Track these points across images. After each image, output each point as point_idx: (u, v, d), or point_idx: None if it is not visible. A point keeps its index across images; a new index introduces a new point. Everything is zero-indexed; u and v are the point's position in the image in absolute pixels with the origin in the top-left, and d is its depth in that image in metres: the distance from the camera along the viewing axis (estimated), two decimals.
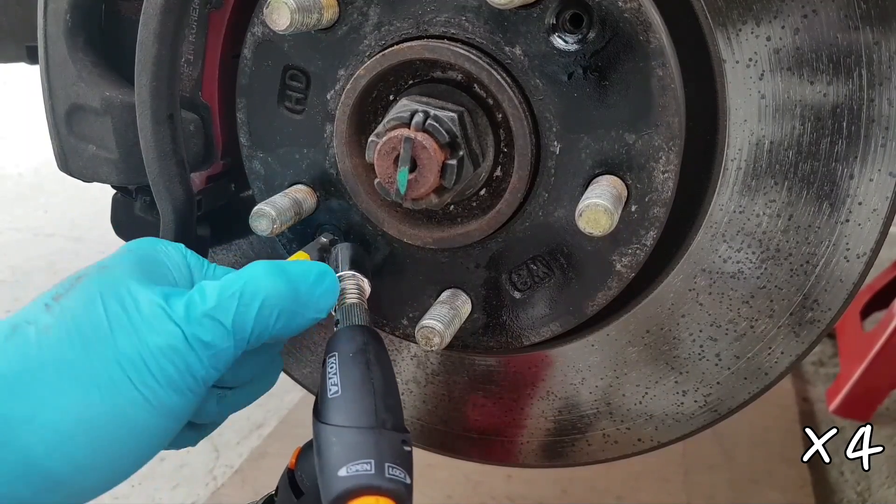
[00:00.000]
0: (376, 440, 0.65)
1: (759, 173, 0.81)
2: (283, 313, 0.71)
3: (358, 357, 0.71)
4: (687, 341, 0.89)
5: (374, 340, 0.75)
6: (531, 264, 0.87)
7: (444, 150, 0.77)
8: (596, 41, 0.76)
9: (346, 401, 0.67)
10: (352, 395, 0.68)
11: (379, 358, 0.73)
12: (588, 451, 0.99)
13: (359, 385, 0.69)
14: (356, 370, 0.70)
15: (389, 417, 0.67)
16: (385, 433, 0.66)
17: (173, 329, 0.66)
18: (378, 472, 0.62)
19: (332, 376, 0.69)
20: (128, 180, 0.95)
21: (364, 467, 0.62)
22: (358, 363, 0.70)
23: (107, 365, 0.64)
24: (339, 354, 0.71)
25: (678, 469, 1.89)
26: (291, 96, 0.89)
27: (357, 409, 0.67)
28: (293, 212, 0.88)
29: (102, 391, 0.64)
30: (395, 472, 0.63)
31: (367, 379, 0.69)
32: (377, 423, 0.66)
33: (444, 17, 0.80)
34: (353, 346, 0.72)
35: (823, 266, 0.83)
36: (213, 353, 0.68)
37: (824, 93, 0.77)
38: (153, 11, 0.80)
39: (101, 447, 0.64)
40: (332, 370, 0.70)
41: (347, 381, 0.69)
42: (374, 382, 0.69)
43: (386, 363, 0.73)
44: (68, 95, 0.92)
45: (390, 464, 0.63)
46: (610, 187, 0.77)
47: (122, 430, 0.65)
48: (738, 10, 0.77)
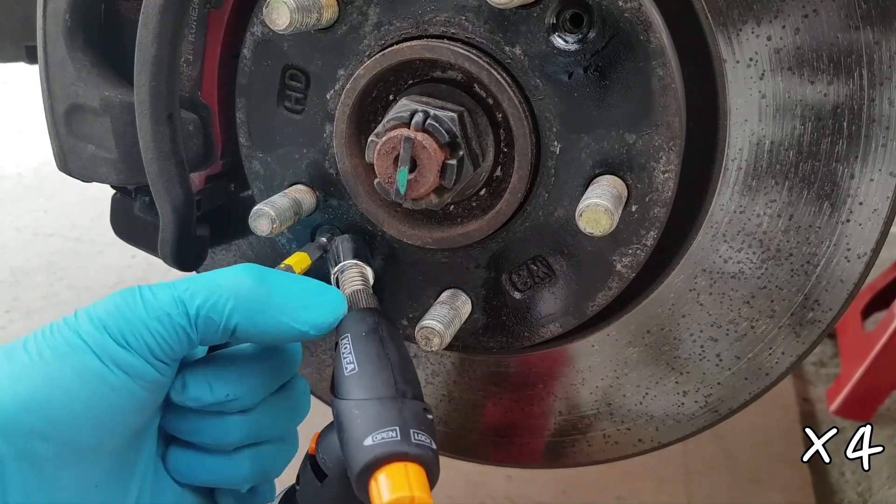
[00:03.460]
0: (399, 408, 0.65)
1: (759, 173, 0.81)
2: (241, 304, 0.69)
3: (371, 335, 0.71)
4: (687, 342, 0.89)
5: (385, 320, 0.74)
6: (531, 264, 0.87)
7: (443, 150, 0.77)
8: (596, 41, 0.76)
9: (363, 376, 0.67)
10: (369, 370, 0.68)
11: (392, 335, 0.73)
12: (588, 452, 0.98)
13: (375, 360, 0.69)
14: (371, 347, 0.70)
15: (409, 388, 0.67)
16: (407, 402, 0.66)
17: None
18: (404, 438, 0.62)
19: (346, 355, 0.69)
20: (127, 180, 0.94)
21: (390, 434, 0.62)
22: (372, 340, 0.70)
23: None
24: (351, 335, 0.71)
25: (679, 469, 1.89)
26: (291, 96, 0.89)
27: (376, 382, 0.67)
28: (293, 212, 0.88)
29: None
30: (421, 437, 0.63)
31: (382, 354, 0.69)
32: (398, 393, 0.66)
33: (444, 17, 0.80)
34: (365, 325, 0.72)
35: (824, 266, 0.82)
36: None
37: (825, 93, 0.77)
38: (152, 11, 0.80)
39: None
40: (346, 349, 0.70)
41: (363, 357, 0.69)
42: (391, 357, 0.69)
43: (399, 340, 0.73)
44: (67, 95, 0.92)
45: (415, 430, 0.63)
46: (610, 187, 0.77)
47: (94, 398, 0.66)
48: (739, 10, 0.76)
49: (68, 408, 0.65)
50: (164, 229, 0.90)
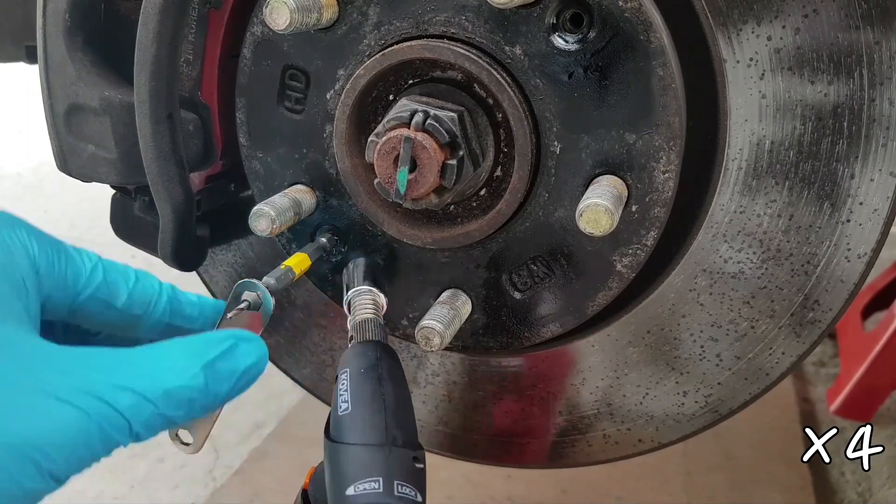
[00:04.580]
0: (385, 458, 0.64)
1: (759, 173, 0.81)
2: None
3: (369, 373, 0.70)
4: (688, 342, 0.89)
5: (388, 355, 0.73)
6: (531, 264, 0.87)
7: (444, 150, 0.77)
8: (596, 41, 0.76)
9: (355, 418, 0.66)
10: (361, 413, 0.67)
11: (392, 373, 0.71)
12: (588, 452, 0.98)
13: (369, 402, 0.67)
14: (367, 386, 0.69)
15: (400, 434, 0.66)
16: (395, 450, 0.65)
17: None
18: (386, 491, 0.61)
19: (342, 393, 0.68)
20: (127, 180, 0.94)
21: (372, 486, 0.61)
22: (369, 379, 0.69)
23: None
24: (350, 370, 0.70)
25: (679, 469, 1.89)
26: (291, 96, 0.89)
27: (366, 427, 0.66)
28: (293, 212, 0.88)
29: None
30: (405, 489, 0.62)
31: (377, 395, 0.68)
32: (387, 440, 0.65)
33: (444, 17, 0.80)
34: (365, 361, 0.71)
35: (824, 266, 0.82)
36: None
37: (825, 92, 0.77)
38: (152, 11, 0.80)
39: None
40: (342, 387, 0.69)
41: (357, 397, 0.68)
42: (386, 398, 0.68)
43: (399, 378, 0.72)
44: (67, 95, 0.92)
45: (400, 482, 0.62)
46: (610, 187, 0.77)
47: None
48: (739, 10, 0.76)
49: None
50: (164, 229, 0.90)
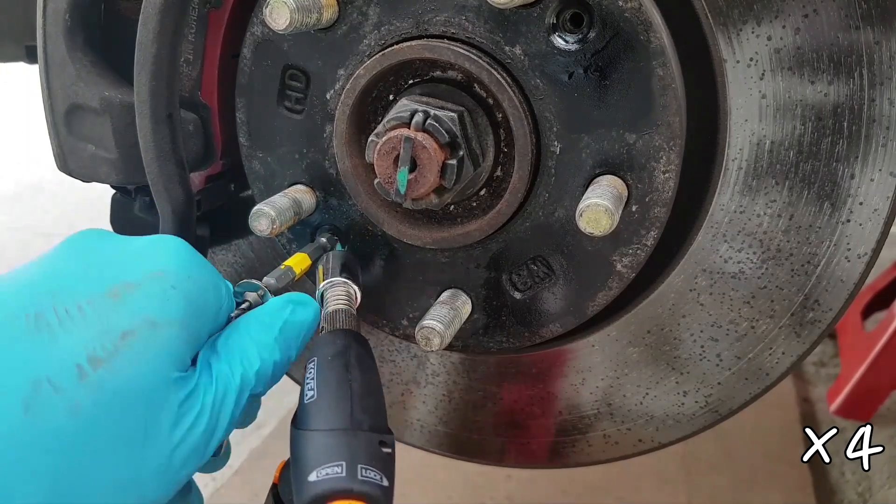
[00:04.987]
0: (348, 441, 0.62)
1: (759, 173, 0.81)
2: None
3: (336, 360, 0.69)
4: (688, 342, 0.89)
5: (357, 343, 0.72)
6: (531, 264, 0.87)
7: (444, 150, 0.77)
8: (596, 41, 0.76)
9: (320, 405, 0.65)
10: (327, 399, 0.66)
11: (360, 360, 0.70)
12: (589, 452, 0.98)
13: (334, 388, 0.66)
14: (333, 373, 0.68)
15: (367, 419, 0.65)
16: (360, 434, 0.63)
17: (200, 435, 0.63)
18: (350, 475, 0.60)
19: (309, 381, 0.67)
20: (127, 180, 0.94)
21: (335, 470, 0.60)
22: (336, 366, 0.68)
23: (132, 474, 0.59)
24: (318, 359, 0.69)
25: (679, 469, 1.89)
26: (291, 96, 0.89)
27: (331, 412, 0.65)
28: (293, 212, 0.87)
29: (121, 493, 0.59)
30: (370, 473, 0.61)
31: (344, 381, 0.67)
32: (352, 424, 0.64)
33: (444, 17, 0.80)
34: (333, 349, 0.70)
35: (824, 266, 0.82)
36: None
37: (825, 92, 0.77)
38: (152, 11, 0.80)
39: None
40: (309, 375, 0.68)
41: (323, 384, 0.67)
42: (353, 384, 0.67)
43: (368, 365, 0.71)
44: (67, 95, 0.92)
45: (364, 465, 0.61)
46: (610, 187, 0.77)
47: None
48: (739, 10, 0.76)
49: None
50: (164, 229, 0.89)
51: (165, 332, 0.61)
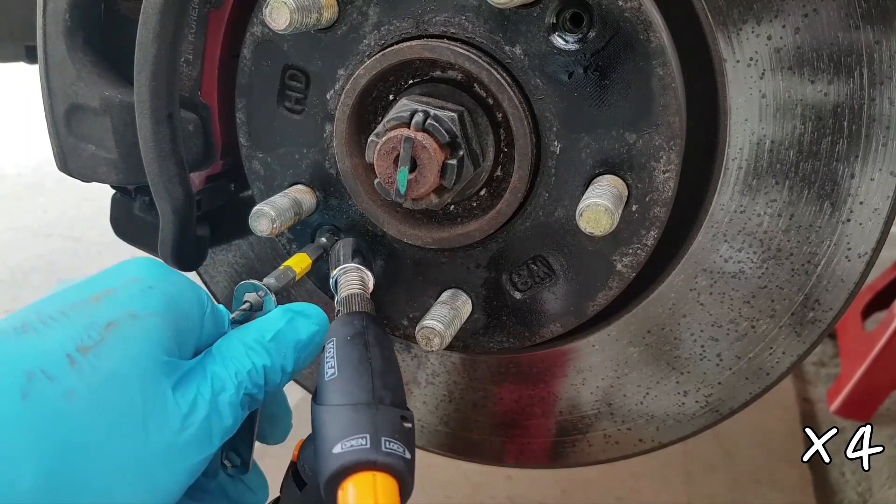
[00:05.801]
0: (372, 415, 0.63)
1: (760, 173, 0.81)
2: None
3: (355, 339, 0.70)
4: (688, 341, 0.89)
5: (374, 324, 0.73)
6: (532, 264, 0.87)
7: (444, 150, 0.77)
8: (596, 40, 0.76)
9: (342, 381, 0.66)
10: (348, 375, 0.66)
11: (379, 339, 0.71)
12: (589, 452, 0.98)
13: (355, 365, 0.67)
14: (354, 351, 0.68)
15: (388, 394, 0.65)
16: (382, 408, 0.64)
17: (202, 421, 0.64)
18: (374, 447, 0.60)
19: (329, 359, 0.68)
20: (127, 180, 0.94)
21: (360, 442, 0.60)
22: (355, 345, 0.69)
23: (135, 455, 0.61)
24: (336, 339, 0.70)
25: (679, 469, 1.89)
26: (291, 96, 0.89)
27: (353, 388, 0.65)
28: (293, 212, 0.87)
29: (128, 477, 0.61)
30: (393, 445, 0.61)
31: (364, 359, 0.68)
32: (374, 399, 0.64)
33: (444, 17, 0.80)
34: (351, 329, 0.71)
35: (825, 266, 0.82)
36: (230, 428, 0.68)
37: (825, 92, 0.77)
38: (152, 11, 0.80)
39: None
40: (329, 354, 0.69)
41: (344, 362, 0.67)
42: (372, 362, 0.68)
43: (387, 344, 0.72)
44: (67, 95, 0.92)
45: (387, 438, 0.61)
46: (611, 187, 0.77)
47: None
48: (739, 10, 0.76)
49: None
50: (164, 229, 0.89)
51: (148, 322, 0.64)
